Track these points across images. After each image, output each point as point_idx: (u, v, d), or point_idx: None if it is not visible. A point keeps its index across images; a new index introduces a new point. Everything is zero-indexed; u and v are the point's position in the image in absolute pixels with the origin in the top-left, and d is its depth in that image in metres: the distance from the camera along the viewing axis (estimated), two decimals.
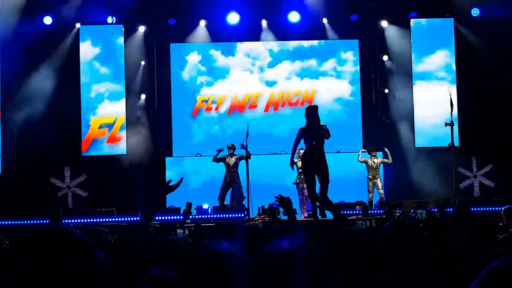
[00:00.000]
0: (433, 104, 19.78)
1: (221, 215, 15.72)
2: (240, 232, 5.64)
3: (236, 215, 15.66)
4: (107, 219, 15.59)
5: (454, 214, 10.74)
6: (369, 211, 16.15)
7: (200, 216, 15.63)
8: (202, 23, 20.46)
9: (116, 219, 15.67)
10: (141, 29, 20.27)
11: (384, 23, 20.58)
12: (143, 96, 20.44)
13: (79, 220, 15.50)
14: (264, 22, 20.65)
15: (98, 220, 15.46)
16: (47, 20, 19.47)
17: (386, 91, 20.75)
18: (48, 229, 2.14)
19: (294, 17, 20.40)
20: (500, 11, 19.58)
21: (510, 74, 19.54)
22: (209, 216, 15.95)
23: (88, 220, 15.45)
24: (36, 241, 2.11)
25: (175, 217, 15.28)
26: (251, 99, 20.81)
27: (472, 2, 19.92)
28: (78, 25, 19.71)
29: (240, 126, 19.75)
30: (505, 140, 19.21)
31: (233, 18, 20.27)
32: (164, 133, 20.36)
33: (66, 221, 14.81)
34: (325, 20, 20.63)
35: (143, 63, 20.46)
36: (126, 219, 15.62)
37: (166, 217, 15.21)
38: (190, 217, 14.00)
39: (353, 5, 20.30)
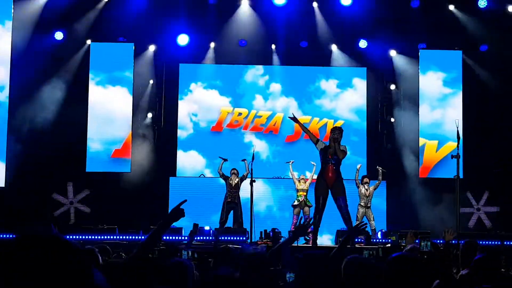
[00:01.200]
0: (439, 135, 19.87)
1: (222, 238, 15.66)
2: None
3: (238, 238, 15.64)
4: (108, 237, 15.53)
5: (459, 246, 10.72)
6: (372, 240, 16.10)
7: (202, 238, 15.60)
8: (212, 44, 20.55)
9: (118, 237, 15.61)
10: (151, 48, 20.37)
11: (393, 52, 20.66)
12: (149, 115, 20.50)
13: (79, 237, 15.41)
14: (273, 47, 20.74)
15: (99, 237, 15.39)
16: (59, 35, 19.57)
17: (392, 120, 20.81)
18: (42, 236, 2.08)
19: (303, 42, 20.47)
20: (508, 45, 19.65)
21: None
22: (210, 238, 15.90)
23: (89, 237, 15.39)
24: (28, 247, 2.04)
25: (178, 238, 15.24)
26: (255, 122, 20.83)
27: (481, 36, 20.00)
28: (89, 41, 19.80)
29: (245, 147, 19.88)
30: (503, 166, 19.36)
31: (242, 41, 20.36)
32: (169, 152, 20.40)
33: (67, 237, 14.73)
34: (334, 47, 20.71)
35: (151, 82, 20.54)
36: (127, 237, 15.57)
37: (169, 237, 15.17)
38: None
39: (362, 33, 20.37)
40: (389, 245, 14.17)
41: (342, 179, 14.32)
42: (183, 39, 20.19)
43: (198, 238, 15.32)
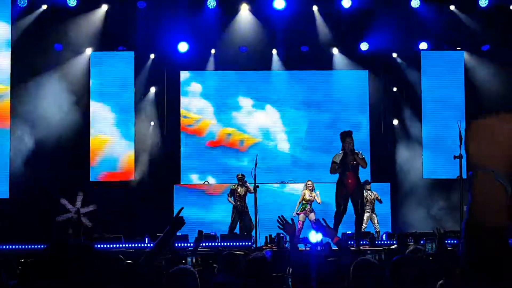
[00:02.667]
0: (442, 136, 19.77)
1: (229, 243, 15.63)
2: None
3: (244, 243, 15.59)
4: (114, 245, 15.52)
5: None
6: (376, 242, 16.05)
7: (208, 244, 15.57)
8: (213, 51, 20.52)
9: (124, 246, 15.59)
10: (152, 56, 20.36)
11: (394, 54, 20.61)
12: (152, 123, 20.47)
13: None
14: (274, 51, 20.70)
15: (105, 246, 15.38)
16: (59, 45, 19.56)
17: (395, 122, 20.75)
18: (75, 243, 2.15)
19: (304, 46, 20.44)
20: (510, 45, 19.59)
21: None
22: (217, 244, 15.86)
23: (95, 246, 15.33)
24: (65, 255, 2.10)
25: (184, 245, 15.21)
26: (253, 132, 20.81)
27: (483, 36, 19.93)
28: (89, 50, 19.79)
29: (247, 155, 19.86)
30: None
31: (243, 47, 20.32)
32: (173, 160, 20.35)
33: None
34: (335, 50, 20.67)
35: (153, 89, 20.52)
36: (133, 245, 15.55)
37: (175, 244, 15.13)
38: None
39: (363, 36, 20.33)
40: (394, 246, 14.13)
41: (362, 189, 14.41)
42: (183, 47, 20.16)
43: (204, 244, 15.28)
